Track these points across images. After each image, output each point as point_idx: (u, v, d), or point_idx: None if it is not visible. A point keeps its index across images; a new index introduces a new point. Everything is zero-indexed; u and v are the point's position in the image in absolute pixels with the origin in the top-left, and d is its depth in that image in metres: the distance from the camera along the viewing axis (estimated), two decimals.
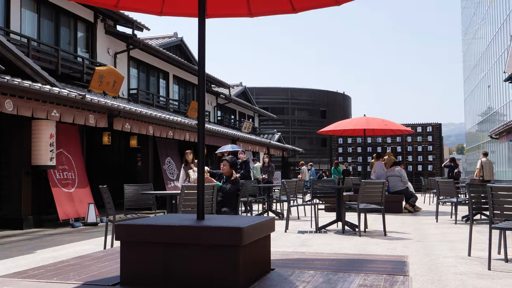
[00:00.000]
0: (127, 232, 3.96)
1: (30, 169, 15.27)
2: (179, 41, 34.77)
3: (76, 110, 15.59)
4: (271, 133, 53.66)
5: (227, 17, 6.14)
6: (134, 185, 12.23)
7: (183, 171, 17.21)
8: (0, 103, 12.74)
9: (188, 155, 17.12)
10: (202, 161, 4.68)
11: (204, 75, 4.77)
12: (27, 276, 4.11)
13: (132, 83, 27.05)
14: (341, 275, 4.02)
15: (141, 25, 25.63)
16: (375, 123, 19.64)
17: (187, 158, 17.13)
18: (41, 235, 13.65)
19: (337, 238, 12.12)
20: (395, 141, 37.27)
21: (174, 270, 3.79)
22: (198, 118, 4.67)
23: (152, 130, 20.24)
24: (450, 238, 12.12)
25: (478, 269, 8.15)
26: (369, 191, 12.41)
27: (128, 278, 3.89)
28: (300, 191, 17.22)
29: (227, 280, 3.65)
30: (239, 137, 32.02)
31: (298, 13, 5.80)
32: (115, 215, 10.20)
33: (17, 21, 18.43)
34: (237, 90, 48.04)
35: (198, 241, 3.77)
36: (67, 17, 21.64)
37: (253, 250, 3.95)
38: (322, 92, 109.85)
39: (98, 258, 5.00)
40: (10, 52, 14.14)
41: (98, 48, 23.40)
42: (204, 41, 4.88)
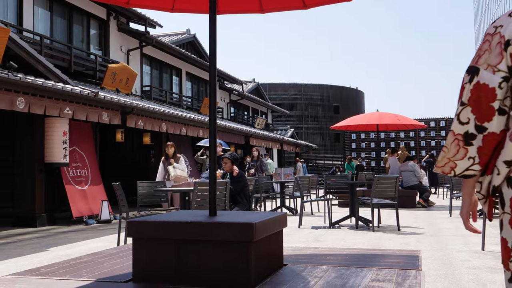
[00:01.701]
0: (139, 229, 3.96)
1: (43, 166, 15.31)
2: (191, 38, 34.77)
3: (89, 107, 15.62)
4: (284, 129, 53.60)
5: (238, 13, 6.12)
6: (147, 182, 12.25)
7: (161, 166, 15.58)
8: (12, 101, 12.78)
9: (168, 148, 15.47)
10: (213, 159, 4.68)
11: (215, 72, 4.77)
12: (39, 273, 4.12)
13: (145, 80, 27.08)
14: (353, 270, 4.01)
15: (154, 22, 25.66)
16: (388, 118, 19.62)
17: (167, 152, 15.47)
18: (55, 233, 13.70)
19: (351, 233, 12.10)
20: (409, 136, 37.25)
21: (186, 266, 3.79)
22: (210, 115, 4.67)
23: (165, 127, 20.26)
24: (463, 232, 12.07)
25: (491, 263, 8.12)
26: (382, 186, 12.38)
27: (140, 275, 3.89)
28: (313, 187, 17.18)
29: (239, 275, 3.65)
30: (252, 133, 32.03)
31: (309, 9, 5.79)
32: (128, 212, 10.21)
33: (29, 19, 18.49)
34: (250, 86, 48.01)
35: (210, 237, 3.77)
36: (80, 14, 21.69)
37: (265, 246, 3.94)
38: (335, 87, 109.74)
39: (111, 255, 5.01)
40: (23, 50, 14.18)
41: (111, 45, 23.45)
42: (215, 38, 4.87)
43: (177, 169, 14.93)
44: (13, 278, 3.95)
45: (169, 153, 15.30)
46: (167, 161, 15.26)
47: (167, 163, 15.19)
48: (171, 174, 14.92)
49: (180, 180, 15.23)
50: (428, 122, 36.38)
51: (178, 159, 15.39)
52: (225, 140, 27.45)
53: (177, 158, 15.38)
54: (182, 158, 15.60)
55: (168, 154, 15.34)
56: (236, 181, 11.58)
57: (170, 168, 14.99)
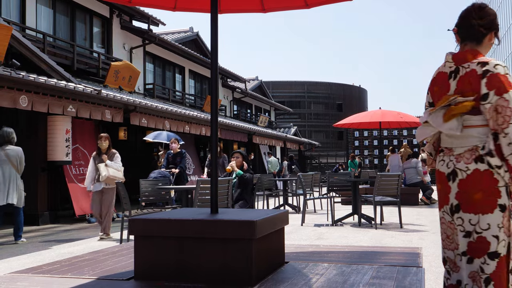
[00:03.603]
0: (141, 227, 3.97)
1: (46, 165, 15.32)
2: (194, 36, 34.79)
3: (92, 105, 15.63)
4: (287, 127, 53.60)
5: (240, 12, 6.12)
6: (150, 180, 12.27)
7: (92, 163, 12.44)
8: (15, 99, 12.79)
9: (102, 141, 12.28)
10: (214, 156, 4.68)
11: (217, 71, 4.77)
12: (41, 271, 4.14)
13: (148, 78, 27.10)
14: (354, 267, 4.03)
15: (157, 20, 25.68)
16: (391, 115, 19.62)
17: (99, 146, 12.28)
18: (57, 231, 13.72)
19: (353, 231, 12.11)
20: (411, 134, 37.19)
21: (188, 264, 3.80)
22: (211, 113, 4.68)
23: (169, 125, 20.26)
24: None
25: None
26: (385, 184, 12.38)
27: (142, 272, 3.90)
28: (316, 185, 17.18)
29: (240, 273, 3.66)
30: (255, 131, 32.04)
31: (311, 8, 5.78)
32: (131, 210, 10.23)
33: (32, 17, 18.50)
34: (253, 84, 48.01)
35: (211, 234, 3.78)
36: (83, 12, 21.71)
37: (267, 243, 3.95)
38: (338, 85, 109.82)
39: (113, 253, 5.02)
40: (26, 48, 14.21)
41: (114, 43, 23.46)
42: (216, 37, 4.87)
43: (110, 168, 11.96)
44: (15, 276, 3.96)
45: (102, 148, 12.28)
46: (99, 158, 12.25)
47: (99, 160, 12.20)
48: (101, 174, 11.91)
49: (112, 182, 12.08)
50: None
51: (112, 155, 12.35)
52: (228, 138, 27.48)
53: (111, 154, 12.35)
54: (118, 155, 12.48)
55: (101, 149, 12.31)
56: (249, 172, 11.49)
57: (101, 167, 12.01)
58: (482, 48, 3.92)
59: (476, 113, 3.70)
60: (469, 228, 3.68)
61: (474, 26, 3.94)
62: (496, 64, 3.67)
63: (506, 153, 3.54)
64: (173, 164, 15.97)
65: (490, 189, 3.62)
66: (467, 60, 3.80)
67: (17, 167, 11.54)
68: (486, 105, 3.61)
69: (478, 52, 3.86)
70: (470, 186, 3.70)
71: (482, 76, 3.66)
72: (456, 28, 4.04)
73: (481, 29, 3.92)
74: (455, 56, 3.91)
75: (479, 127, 3.70)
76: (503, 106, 3.53)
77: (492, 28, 3.94)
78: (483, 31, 3.92)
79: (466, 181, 3.72)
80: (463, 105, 3.72)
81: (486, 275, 3.60)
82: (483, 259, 3.62)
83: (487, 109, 3.61)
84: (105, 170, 11.94)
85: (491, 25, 3.94)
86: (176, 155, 16.16)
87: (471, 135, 3.74)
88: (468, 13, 4.00)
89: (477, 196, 3.66)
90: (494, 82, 3.60)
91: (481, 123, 3.69)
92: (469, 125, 3.76)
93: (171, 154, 16.19)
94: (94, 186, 12.23)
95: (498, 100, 3.56)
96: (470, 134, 3.75)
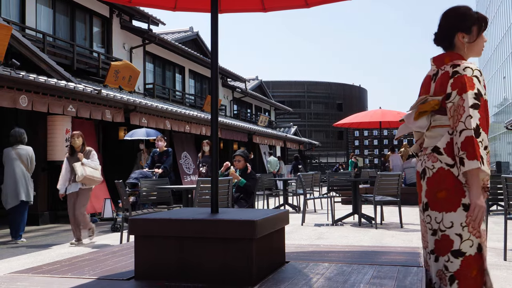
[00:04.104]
0: (141, 227, 3.97)
1: (46, 164, 15.33)
2: (194, 36, 34.79)
3: (92, 105, 15.63)
4: (287, 127, 53.64)
5: (240, 12, 6.11)
6: (150, 180, 12.26)
7: (66, 163, 11.45)
8: (15, 99, 12.79)
9: (74, 139, 11.38)
10: (215, 156, 4.68)
11: (217, 71, 4.76)
12: (41, 271, 4.13)
13: (148, 77, 27.09)
14: (355, 267, 4.02)
15: (157, 20, 25.67)
16: (391, 115, 19.64)
17: (73, 144, 11.39)
18: (57, 231, 13.72)
19: (354, 230, 12.10)
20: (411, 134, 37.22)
21: (188, 263, 3.80)
22: (211, 113, 4.67)
23: (169, 125, 20.26)
24: None
25: (493, 259, 8.13)
26: (385, 184, 12.38)
27: (142, 272, 3.90)
28: (316, 184, 17.18)
29: (241, 273, 3.66)
30: (255, 131, 32.04)
31: (311, 7, 5.78)
32: (131, 210, 10.22)
33: (32, 16, 18.50)
34: (253, 84, 48.01)
35: (212, 234, 3.78)
36: (83, 12, 21.70)
37: (267, 243, 3.95)
38: (338, 85, 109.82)
39: (113, 253, 5.02)
40: (26, 47, 14.20)
41: (114, 43, 23.46)
42: (217, 37, 4.87)
43: (87, 166, 11.06)
44: (15, 276, 3.96)
45: (76, 146, 11.34)
46: (73, 157, 11.30)
47: (73, 160, 11.24)
48: (78, 173, 10.98)
49: (90, 182, 11.29)
50: None
51: (88, 153, 11.46)
52: (228, 137, 27.48)
53: (87, 152, 11.46)
54: (94, 152, 11.61)
55: (74, 147, 11.37)
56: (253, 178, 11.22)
57: (77, 166, 11.05)
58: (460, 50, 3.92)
59: (445, 113, 3.75)
60: (435, 226, 3.72)
61: (440, 29, 3.99)
62: (467, 66, 3.70)
63: (455, 151, 3.59)
64: (159, 163, 15.11)
65: (454, 188, 3.64)
66: (444, 63, 3.85)
67: (28, 166, 11.74)
68: (449, 104, 3.68)
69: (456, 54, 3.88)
70: (435, 184, 3.74)
71: (451, 77, 3.71)
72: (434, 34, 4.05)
73: (445, 31, 3.96)
74: (435, 59, 3.96)
75: (446, 126, 3.75)
76: (460, 105, 3.58)
77: (458, 28, 3.91)
78: (448, 33, 3.94)
79: (432, 179, 3.76)
80: (429, 103, 3.79)
81: (450, 273, 3.62)
82: (447, 257, 3.64)
83: (449, 108, 3.68)
84: (81, 170, 11.00)
85: (455, 25, 3.92)
86: (162, 154, 15.24)
87: (439, 134, 3.80)
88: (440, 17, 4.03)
89: (441, 194, 3.70)
90: (458, 83, 3.65)
91: (448, 123, 3.74)
92: (438, 124, 3.82)
93: (156, 152, 15.31)
94: (69, 188, 11.23)
95: (458, 100, 3.61)
96: (439, 133, 3.81)
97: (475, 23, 3.90)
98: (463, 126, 3.52)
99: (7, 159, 11.62)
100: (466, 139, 3.49)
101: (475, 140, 3.46)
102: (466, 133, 3.50)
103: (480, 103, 3.58)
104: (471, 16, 3.92)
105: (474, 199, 3.50)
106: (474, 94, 3.58)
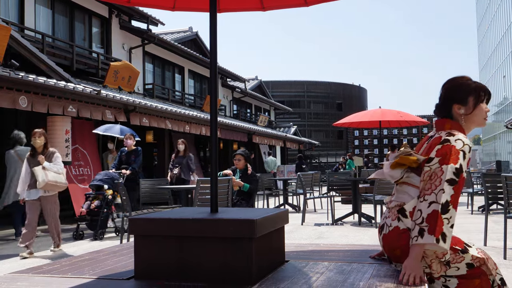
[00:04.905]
0: (141, 226, 3.97)
1: None
2: (194, 36, 34.81)
3: (92, 105, 15.63)
4: (287, 126, 53.63)
5: (239, 11, 6.10)
6: (150, 180, 12.27)
7: (25, 166, 10.20)
8: (14, 99, 12.79)
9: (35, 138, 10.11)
10: (215, 156, 4.68)
11: (216, 71, 4.76)
12: (41, 271, 4.13)
13: (147, 78, 27.11)
14: (355, 266, 4.03)
15: (156, 20, 25.69)
16: (391, 114, 19.63)
17: (33, 144, 10.15)
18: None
19: (354, 230, 12.11)
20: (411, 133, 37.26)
21: (188, 263, 3.80)
22: (211, 113, 4.67)
23: (170, 125, 20.26)
24: (466, 228, 12.09)
25: (494, 258, 8.12)
26: (385, 183, 12.38)
27: (142, 272, 3.90)
28: (316, 184, 17.19)
29: (240, 272, 3.66)
30: (255, 131, 32.05)
31: (310, 6, 5.77)
32: (131, 210, 10.22)
33: (31, 17, 18.51)
34: (252, 84, 48.03)
35: (211, 233, 3.78)
36: (82, 12, 21.71)
37: (267, 242, 3.95)
38: (338, 84, 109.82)
39: (113, 253, 5.02)
40: (25, 48, 14.21)
41: (113, 43, 23.47)
42: (215, 36, 4.86)
43: (49, 171, 9.84)
44: (15, 276, 3.96)
45: (37, 146, 10.14)
46: (34, 159, 10.08)
47: (34, 163, 10.01)
48: (39, 179, 9.78)
49: (54, 189, 10.13)
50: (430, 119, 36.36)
51: (50, 155, 10.22)
52: (228, 137, 27.48)
53: (49, 154, 10.22)
54: (58, 154, 10.39)
55: (36, 148, 10.18)
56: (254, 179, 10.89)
57: (37, 170, 9.83)
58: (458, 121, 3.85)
59: (420, 173, 3.69)
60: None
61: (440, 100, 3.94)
62: (459, 139, 3.62)
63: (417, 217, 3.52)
64: (127, 164, 13.72)
65: (407, 248, 3.58)
66: (443, 129, 3.79)
67: None
68: (426, 168, 3.61)
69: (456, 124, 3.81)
70: (391, 242, 3.75)
71: (440, 143, 3.64)
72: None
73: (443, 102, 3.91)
74: (437, 122, 3.91)
75: (415, 187, 3.70)
76: (437, 174, 3.52)
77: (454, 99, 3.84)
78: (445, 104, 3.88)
79: (387, 236, 3.78)
80: (410, 158, 3.75)
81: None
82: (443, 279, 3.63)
83: (424, 172, 3.62)
84: (42, 175, 9.76)
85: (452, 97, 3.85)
86: (130, 153, 13.88)
87: (406, 192, 3.76)
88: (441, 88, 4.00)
89: (397, 252, 3.70)
90: (443, 151, 3.58)
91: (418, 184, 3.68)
92: (409, 182, 3.77)
93: (124, 152, 13.98)
94: (28, 194, 10.07)
95: (436, 168, 3.54)
96: (406, 190, 3.77)
97: (471, 94, 3.81)
98: (433, 198, 3.47)
99: (8, 160, 12.13)
100: (433, 212, 3.44)
101: (440, 215, 3.42)
102: (434, 207, 3.45)
103: (458, 180, 3.52)
104: (467, 86, 3.84)
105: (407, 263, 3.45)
106: (455, 169, 3.53)
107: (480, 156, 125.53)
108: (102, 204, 12.51)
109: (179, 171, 15.48)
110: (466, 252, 3.68)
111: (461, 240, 3.80)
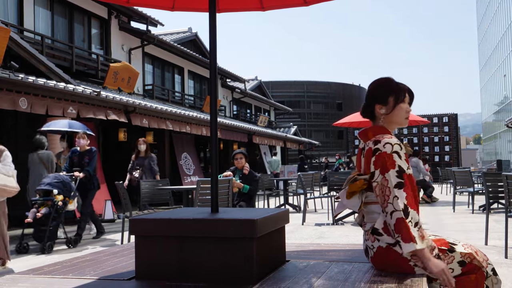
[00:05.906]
0: (141, 227, 3.97)
1: None
2: (193, 36, 34.80)
3: (92, 107, 15.62)
4: (287, 127, 53.63)
5: (238, 11, 6.10)
6: (150, 181, 12.26)
7: None
8: (14, 101, 12.79)
9: None
10: (215, 156, 4.68)
11: (216, 71, 4.76)
12: (42, 272, 4.13)
13: (147, 79, 27.11)
14: (356, 266, 4.02)
15: (155, 21, 25.69)
16: None
17: None
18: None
19: (354, 229, 12.11)
20: (411, 132, 37.24)
21: (189, 263, 3.80)
22: (211, 113, 4.67)
23: (171, 126, 20.26)
24: (467, 227, 12.09)
25: (495, 257, 8.13)
26: None
27: (143, 272, 3.90)
28: (316, 184, 17.18)
29: (241, 271, 3.66)
30: (255, 131, 32.04)
31: (309, 5, 5.77)
32: (132, 211, 10.22)
33: (30, 18, 18.51)
34: (252, 84, 48.03)
35: (212, 234, 3.78)
36: (81, 14, 21.72)
37: (267, 242, 3.95)
38: (337, 84, 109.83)
39: (114, 253, 5.02)
40: (24, 50, 14.21)
41: (113, 44, 23.47)
42: (215, 37, 4.86)
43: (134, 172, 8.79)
44: (16, 278, 3.96)
45: None
46: None
47: None
48: None
49: (2, 194, 8.35)
50: (431, 118, 36.34)
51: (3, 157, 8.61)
52: (228, 138, 27.48)
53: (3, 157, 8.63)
54: (7, 153, 8.79)
55: None
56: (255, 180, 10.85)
57: None
58: (380, 121, 3.87)
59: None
60: None
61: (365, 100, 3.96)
62: (387, 142, 3.62)
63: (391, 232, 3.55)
64: (79, 166, 12.13)
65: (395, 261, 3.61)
66: (368, 138, 3.78)
67: (49, 168, 12.59)
68: (374, 184, 3.63)
69: (378, 128, 3.82)
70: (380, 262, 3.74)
71: (373, 154, 3.65)
72: None
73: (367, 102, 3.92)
74: (360, 134, 3.90)
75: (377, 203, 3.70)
76: (384, 185, 3.54)
77: (376, 99, 3.86)
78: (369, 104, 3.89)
79: (374, 258, 3.77)
80: (356, 184, 3.76)
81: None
82: None
83: (374, 187, 3.64)
84: None
85: (374, 96, 3.87)
86: (84, 154, 12.29)
87: (374, 211, 3.77)
88: None
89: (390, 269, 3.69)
90: (379, 161, 3.60)
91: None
92: (371, 201, 3.77)
93: (76, 152, 12.36)
94: None
95: (381, 180, 3.56)
96: (372, 210, 3.78)
97: (391, 94, 3.83)
98: (392, 208, 3.48)
99: (31, 162, 12.64)
100: (397, 221, 3.46)
101: (405, 221, 3.44)
102: (396, 215, 3.46)
103: (404, 180, 3.54)
104: (388, 87, 3.86)
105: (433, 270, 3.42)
106: (396, 173, 3.54)
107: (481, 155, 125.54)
108: (51, 212, 10.82)
109: (140, 173, 14.23)
110: (453, 250, 3.69)
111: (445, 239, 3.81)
